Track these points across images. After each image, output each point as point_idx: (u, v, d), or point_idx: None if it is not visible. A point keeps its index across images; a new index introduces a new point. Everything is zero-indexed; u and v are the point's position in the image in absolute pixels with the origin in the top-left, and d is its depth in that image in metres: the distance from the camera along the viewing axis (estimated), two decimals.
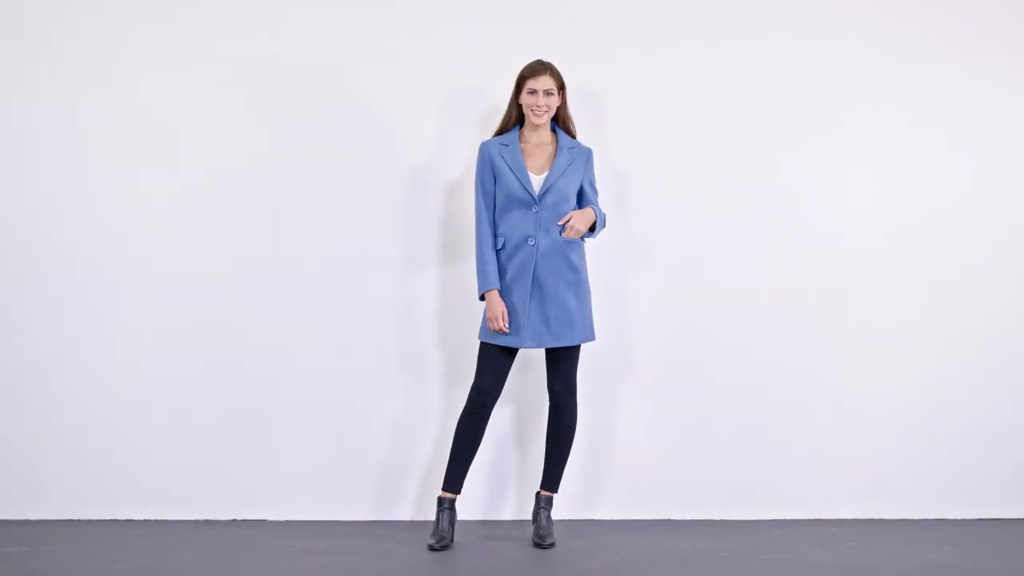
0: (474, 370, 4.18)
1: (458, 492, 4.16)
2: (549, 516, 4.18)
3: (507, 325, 4.06)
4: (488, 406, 4.12)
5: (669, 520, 4.51)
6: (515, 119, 4.22)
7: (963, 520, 4.52)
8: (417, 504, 4.52)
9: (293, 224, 4.56)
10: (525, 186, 4.10)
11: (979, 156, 4.60)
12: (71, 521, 4.51)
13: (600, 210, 4.19)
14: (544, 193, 4.10)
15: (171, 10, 4.58)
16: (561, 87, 4.17)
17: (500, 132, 4.24)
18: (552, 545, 4.09)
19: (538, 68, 4.13)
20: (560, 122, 4.25)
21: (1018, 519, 4.54)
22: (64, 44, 4.57)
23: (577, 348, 4.16)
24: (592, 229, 4.15)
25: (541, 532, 4.13)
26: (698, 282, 4.56)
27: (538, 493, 4.23)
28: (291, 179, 4.56)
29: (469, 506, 4.51)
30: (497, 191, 4.15)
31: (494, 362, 4.11)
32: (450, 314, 4.52)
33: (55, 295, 4.55)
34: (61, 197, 4.57)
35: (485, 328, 4.12)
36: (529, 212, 4.11)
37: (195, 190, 4.56)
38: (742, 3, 4.59)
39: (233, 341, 4.54)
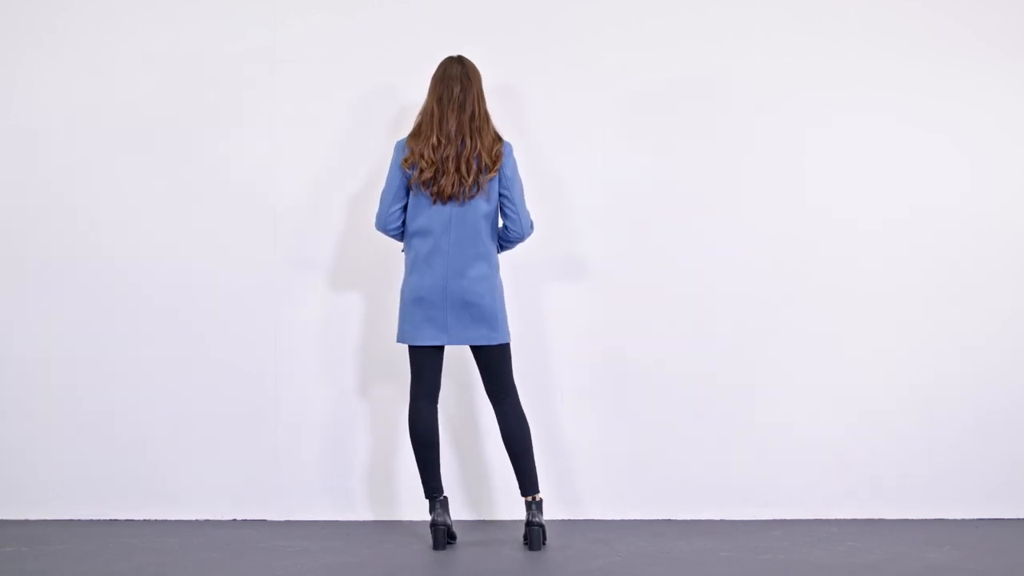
0: (478, 372, 4.20)
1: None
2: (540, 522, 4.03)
3: None
4: None
5: (669, 520, 4.51)
6: None
7: (963, 520, 4.51)
8: (417, 504, 4.52)
9: (294, 223, 4.56)
10: None
11: (979, 156, 4.59)
12: (71, 521, 4.51)
13: None
14: None
15: (170, 8, 4.58)
16: None
17: None
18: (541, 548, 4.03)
19: None
20: None
21: (1018, 519, 4.54)
22: (63, 43, 4.58)
23: None
24: None
25: (531, 539, 4.01)
26: (696, 282, 4.55)
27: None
28: (291, 179, 4.56)
29: (468, 506, 4.51)
30: None
31: None
32: None
33: (55, 295, 4.55)
34: (61, 198, 4.57)
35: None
36: None
37: (195, 190, 4.57)
38: (745, 5, 4.59)
39: (233, 341, 4.54)
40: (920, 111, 4.59)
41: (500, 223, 4.12)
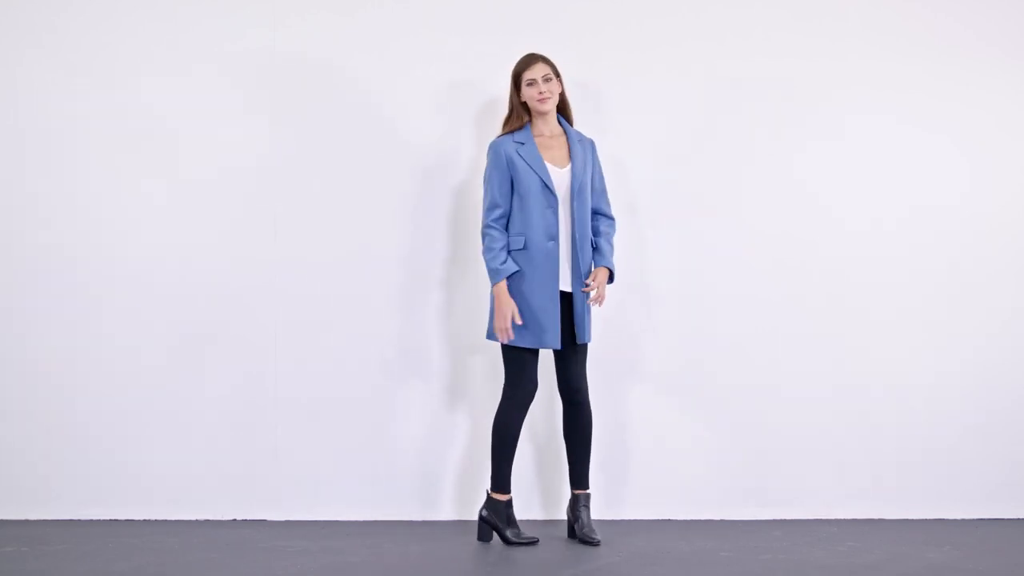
0: (477, 371, 4.19)
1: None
2: (590, 513, 4.19)
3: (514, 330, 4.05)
4: (530, 403, 4.15)
5: (669, 520, 4.51)
6: (524, 118, 4.17)
7: (963, 520, 4.52)
8: (417, 504, 4.52)
9: (294, 224, 4.56)
10: (546, 183, 4.09)
11: (979, 156, 4.60)
12: (71, 521, 4.51)
13: (611, 245, 4.22)
14: (570, 187, 4.12)
15: (170, 8, 4.58)
16: (557, 73, 4.18)
17: (509, 131, 4.17)
18: (598, 543, 4.09)
19: (531, 60, 4.15)
20: (562, 110, 4.25)
21: (1018, 519, 4.54)
22: (63, 43, 4.58)
23: (587, 344, 4.18)
24: (611, 280, 4.21)
25: (585, 530, 4.13)
26: (696, 281, 4.56)
27: (577, 493, 4.21)
28: (291, 179, 4.56)
29: (467, 505, 4.51)
30: (516, 190, 4.10)
31: (530, 364, 4.10)
32: (452, 314, 4.52)
33: (55, 296, 4.55)
34: (61, 198, 4.57)
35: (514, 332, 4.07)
36: (549, 210, 4.10)
37: (195, 190, 4.57)
38: (745, 5, 4.59)
39: (233, 341, 4.54)
40: (920, 111, 4.59)
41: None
